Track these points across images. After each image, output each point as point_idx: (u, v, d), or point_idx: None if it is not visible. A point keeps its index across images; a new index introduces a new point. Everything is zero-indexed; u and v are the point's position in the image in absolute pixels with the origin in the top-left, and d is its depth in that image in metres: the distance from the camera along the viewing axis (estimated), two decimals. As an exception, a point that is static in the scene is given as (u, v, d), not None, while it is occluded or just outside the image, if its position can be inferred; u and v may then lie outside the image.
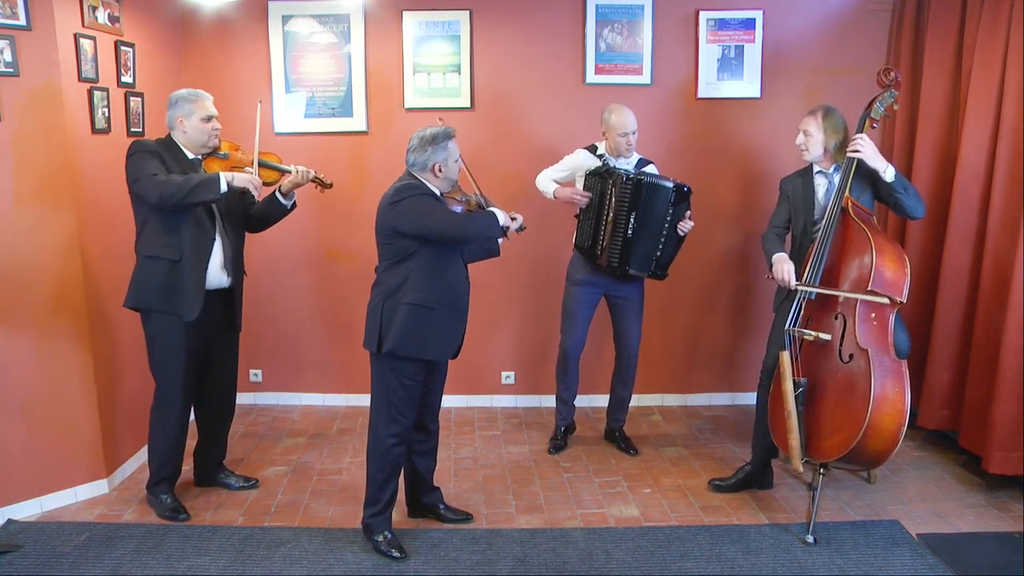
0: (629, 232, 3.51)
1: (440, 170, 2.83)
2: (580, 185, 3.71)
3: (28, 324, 3.17)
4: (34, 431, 3.23)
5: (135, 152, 3.03)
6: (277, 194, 3.26)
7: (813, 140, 3.20)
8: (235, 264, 3.22)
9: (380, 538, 2.95)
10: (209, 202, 3.01)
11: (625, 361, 3.86)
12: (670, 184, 3.51)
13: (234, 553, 2.95)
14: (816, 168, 3.27)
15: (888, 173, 3.04)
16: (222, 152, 3.19)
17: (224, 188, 2.94)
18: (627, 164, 3.66)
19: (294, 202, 3.31)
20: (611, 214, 3.52)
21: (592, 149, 3.72)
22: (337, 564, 2.88)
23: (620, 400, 3.94)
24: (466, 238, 2.85)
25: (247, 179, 3.03)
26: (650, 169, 3.67)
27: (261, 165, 3.19)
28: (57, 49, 3.11)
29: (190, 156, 3.13)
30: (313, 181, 3.27)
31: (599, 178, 3.57)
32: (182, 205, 2.95)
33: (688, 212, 3.60)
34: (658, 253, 3.57)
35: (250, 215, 3.30)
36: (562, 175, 3.77)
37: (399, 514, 3.17)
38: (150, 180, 2.92)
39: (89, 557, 2.92)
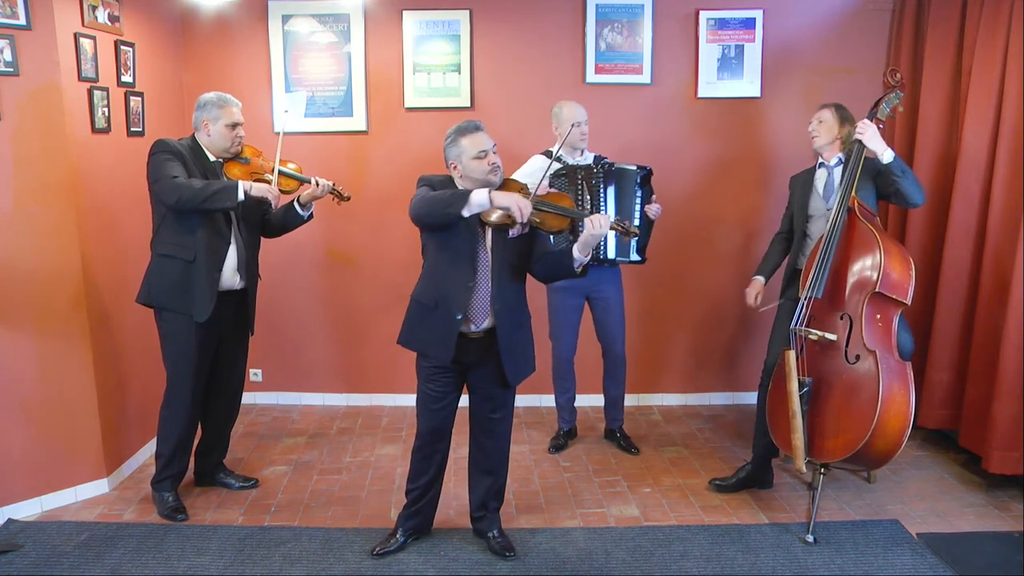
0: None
1: (456, 168, 2.70)
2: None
3: (28, 324, 3.17)
4: (34, 431, 3.23)
5: (157, 152, 3.04)
6: (295, 204, 3.27)
7: (826, 126, 3.24)
8: (249, 267, 3.23)
9: (398, 534, 2.97)
10: (226, 209, 3.04)
11: (612, 360, 3.86)
12: (634, 167, 3.55)
13: (234, 553, 2.95)
14: (819, 161, 3.30)
15: (886, 155, 3.02)
16: (244, 157, 3.21)
17: (241, 197, 2.97)
18: (585, 161, 3.67)
19: (311, 213, 3.32)
20: (587, 208, 3.53)
21: (548, 154, 3.70)
22: (337, 564, 2.88)
23: (614, 399, 3.94)
24: (420, 217, 2.59)
25: (265, 189, 3.06)
26: (606, 163, 3.67)
27: (281, 174, 3.20)
28: (57, 49, 3.11)
29: (212, 159, 3.15)
30: (331, 193, 3.29)
31: (565, 178, 3.57)
32: (199, 210, 2.98)
33: (653, 195, 3.62)
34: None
35: (267, 221, 3.32)
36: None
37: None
38: (170, 182, 2.95)
39: (89, 557, 2.92)
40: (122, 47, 3.56)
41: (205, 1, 4.03)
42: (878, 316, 2.98)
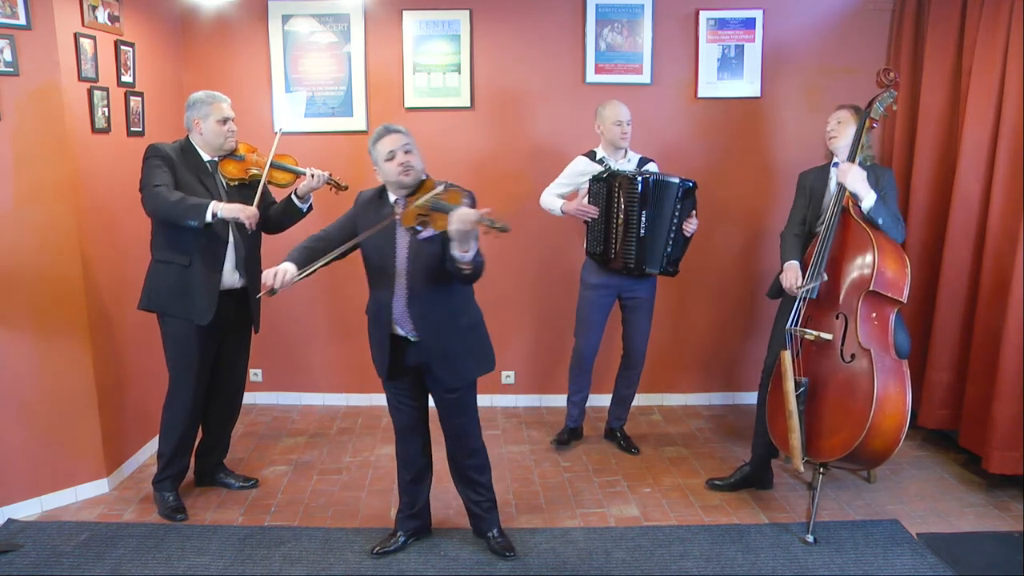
0: (642, 231, 3.51)
1: (377, 173, 2.73)
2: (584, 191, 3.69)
3: (28, 324, 3.17)
4: (34, 431, 3.23)
5: (148, 157, 3.04)
6: (293, 197, 3.25)
7: (844, 127, 3.21)
8: (248, 265, 3.21)
9: (398, 534, 2.99)
10: (193, 227, 2.95)
11: (632, 360, 3.86)
12: (676, 180, 3.53)
13: (234, 553, 2.95)
14: (835, 160, 3.28)
15: (866, 202, 3.01)
16: (238, 154, 3.19)
17: (209, 219, 2.92)
18: (628, 165, 3.66)
19: (310, 205, 3.31)
20: (622, 216, 3.52)
21: (591, 155, 3.70)
22: (337, 564, 2.88)
23: (623, 399, 3.95)
24: None
25: (238, 210, 2.96)
26: (651, 167, 3.68)
27: (275, 167, 3.20)
28: (57, 48, 3.11)
29: (206, 158, 3.14)
30: (328, 183, 3.27)
31: (603, 183, 3.56)
32: (170, 223, 2.97)
33: (694, 211, 3.60)
34: (668, 250, 3.58)
35: (268, 216, 3.29)
36: (566, 188, 3.71)
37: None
38: (150, 191, 2.96)
39: (89, 557, 2.92)
40: (122, 47, 3.56)
41: (205, 1, 4.03)
42: (874, 315, 2.98)
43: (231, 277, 3.17)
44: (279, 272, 2.56)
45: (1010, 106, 3.29)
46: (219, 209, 2.94)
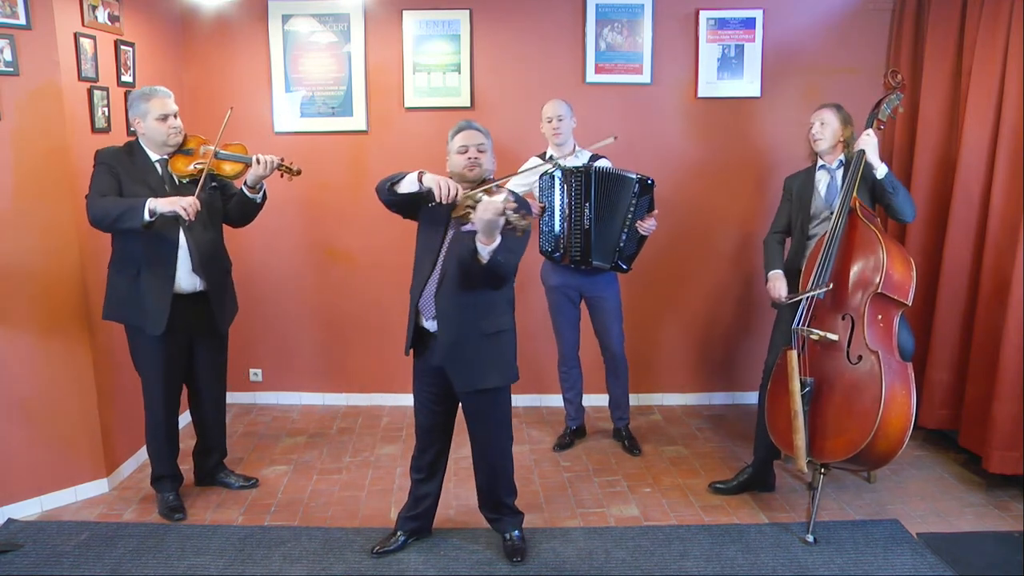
0: (586, 223, 3.53)
1: (448, 162, 2.76)
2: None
3: (28, 324, 3.17)
4: (34, 431, 3.23)
5: (95, 163, 2.98)
6: (244, 188, 3.10)
7: (829, 129, 3.22)
8: (207, 266, 3.07)
9: (398, 533, 2.99)
10: (136, 229, 2.83)
11: (611, 360, 3.87)
12: (634, 176, 3.53)
13: (234, 553, 2.95)
14: (820, 163, 3.29)
15: (880, 171, 3.04)
16: (187, 148, 3.06)
17: (147, 217, 2.78)
18: (577, 161, 3.66)
19: (264, 194, 3.15)
20: (567, 209, 3.55)
21: (542, 156, 3.73)
22: (337, 564, 2.88)
23: (617, 398, 3.95)
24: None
25: (174, 202, 2.79)
26: (602, 163, 3.66)
27: (219, 157, 3.05)
28: (57, 48, 3.11)
29: (154, 157, 3.03)
30: (279, 169, 3.06)
31: (549, 177, 3.59)
32: (113, 230, 2.89)
33: (654, 211, 3.60)
34: (621, 245, 3.59)
35: (228, 211, 3.19)
36: (520, 190, 3.71)
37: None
38: (88, 200, 2.89)
39: (89, 556, 2.92)
40: (122, 47, 3.56)
41: (205, 1, 4.03)
42: (879, 316, 2.98)
43: (189, 281, 3.04)
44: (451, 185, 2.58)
45: (1010, 106, 3.29)
46: (156, 205, 2.78)
